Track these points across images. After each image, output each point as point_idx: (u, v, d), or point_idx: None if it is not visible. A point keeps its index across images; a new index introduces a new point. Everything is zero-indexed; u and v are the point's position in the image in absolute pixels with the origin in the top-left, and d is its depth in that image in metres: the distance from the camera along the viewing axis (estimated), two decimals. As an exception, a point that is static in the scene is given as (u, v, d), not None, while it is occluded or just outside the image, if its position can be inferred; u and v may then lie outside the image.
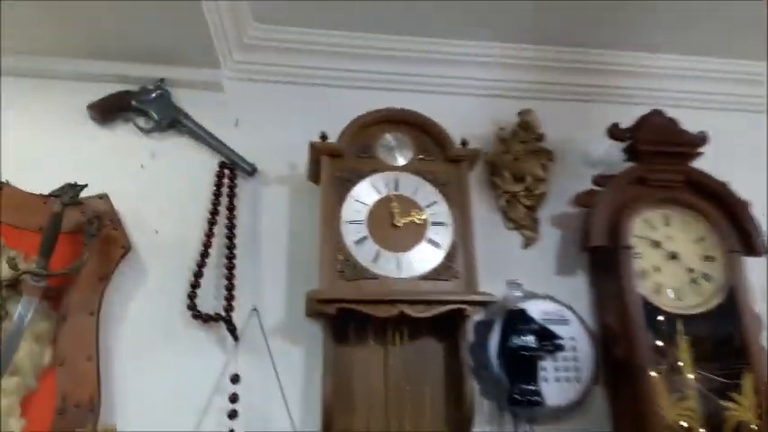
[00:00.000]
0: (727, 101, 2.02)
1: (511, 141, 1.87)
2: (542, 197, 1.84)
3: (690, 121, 1.79)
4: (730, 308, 1.61)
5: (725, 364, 1.58)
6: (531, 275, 1.74)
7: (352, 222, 1.55)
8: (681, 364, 1.54)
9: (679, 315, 1.60)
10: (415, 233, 1.56)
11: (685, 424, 1.48)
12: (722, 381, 1.55)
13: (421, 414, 1.53)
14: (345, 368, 1.56)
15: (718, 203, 1.72)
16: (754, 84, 2.02)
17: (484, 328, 1.63)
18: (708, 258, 1.68)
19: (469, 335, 1.65)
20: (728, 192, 1.73)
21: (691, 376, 1.54)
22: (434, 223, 1.58)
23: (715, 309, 1.62)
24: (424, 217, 1.58)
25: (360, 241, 1.53)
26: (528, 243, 1.82)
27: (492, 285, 1.59)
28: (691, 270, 1.66)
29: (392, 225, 1.56)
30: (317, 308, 1.47)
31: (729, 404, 1.52)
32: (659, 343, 1.57)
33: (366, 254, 1.52)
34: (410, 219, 1.57)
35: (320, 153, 1.58)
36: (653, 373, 1.50)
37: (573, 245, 1.80)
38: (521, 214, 1.83)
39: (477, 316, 1.64)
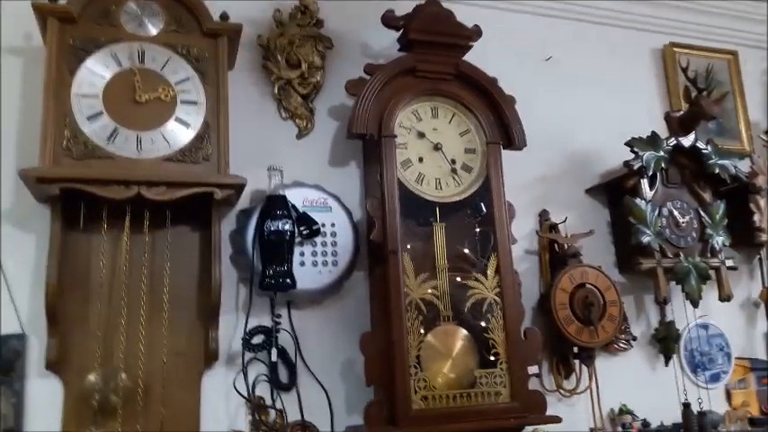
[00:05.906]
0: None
1: (288, 25, 1.77)
2: (318, 86, 1.78)
3: (471, 19, 1.77)
4: (485, 197, 1.68)
5: (475, 248, 1.67)
6: (304, 166, 1.72)
7: (84, 96, 1.38)
8: (435, 247, 1.60)
9: (437, 203, 1.65)
10: (162, 111, 1.44)
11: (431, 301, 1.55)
12: (471, 263, 1.65)
13: (162, 304, 1.46)
14: (80, 256, 1.44)
15: (485, 98, 1.76)
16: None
17: (245, 216, 1.57)
18: (469, 151, 1.73)
19: (233, 224, 1.60)
20: (497, 88, 1.77)
21: (443, 259, 1.60)
22: (184, 101, 1.46)
23: (471, 197, 1.68)
24: (172, 94, 1.45)
25: (93, 117, 1.38)
26: (302, 133, 1.76)
27: (262, 175, 1.55)
28: (452, 161, 1.70)
29: (134, 101, 1.42)
30: (37, 189, 1.32)
31: (473, 283, 1.61)
32: (415, 228, 1.62)
33: (100, 131, 1.38)
34: (156, 95, 1.44)
35: (46, 15, 1.38)
36: (403, 256, 1.53)
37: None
38: (295, 103, 1.76)
39: (239, 204, 1.58)
